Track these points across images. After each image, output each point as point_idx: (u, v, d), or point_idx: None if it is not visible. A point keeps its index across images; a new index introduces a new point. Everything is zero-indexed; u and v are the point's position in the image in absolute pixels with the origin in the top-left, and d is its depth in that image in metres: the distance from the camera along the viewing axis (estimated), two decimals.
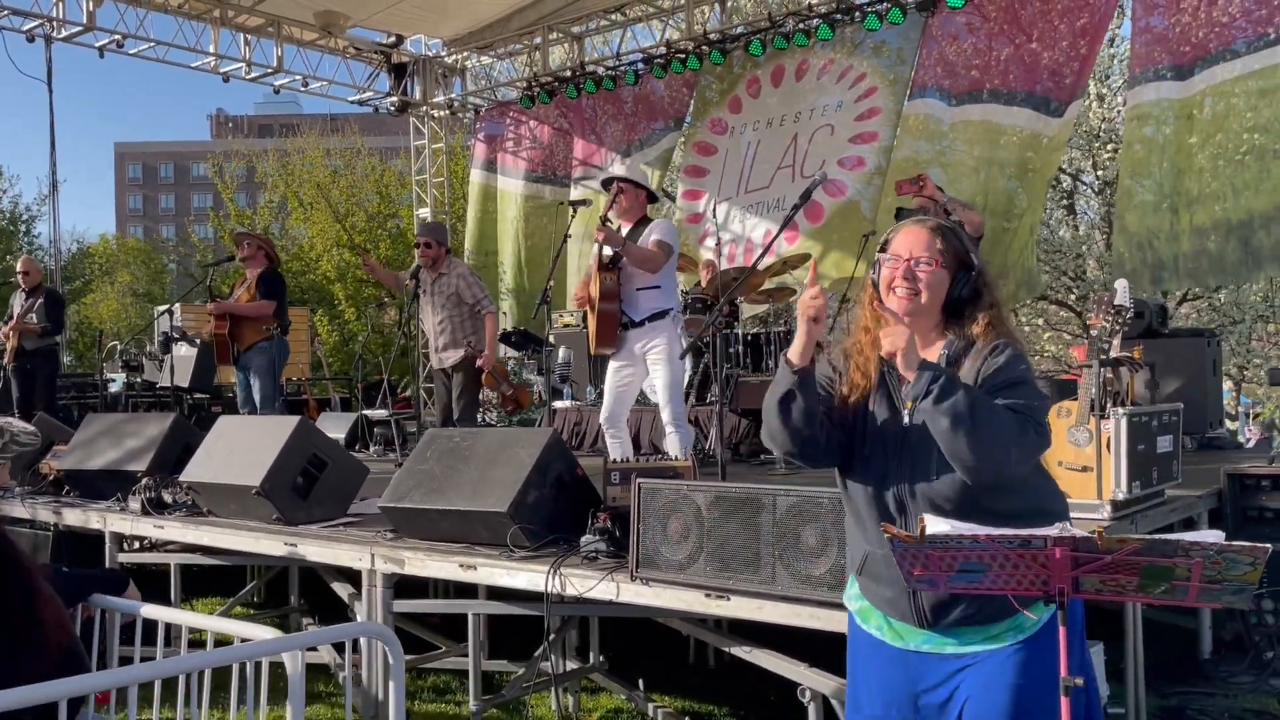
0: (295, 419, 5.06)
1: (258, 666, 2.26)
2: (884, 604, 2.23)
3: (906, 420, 2.17)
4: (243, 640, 2.45)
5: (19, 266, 8.96)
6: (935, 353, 2.21)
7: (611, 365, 5.57)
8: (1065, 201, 16.67)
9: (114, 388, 10.29)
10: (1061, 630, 1.81)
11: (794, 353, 2.18)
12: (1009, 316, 2.28)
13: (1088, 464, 4.02)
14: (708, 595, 3.27)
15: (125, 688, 2.29)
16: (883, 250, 2.29)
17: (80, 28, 10.43)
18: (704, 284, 8.98)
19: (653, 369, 5.48)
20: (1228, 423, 10.48)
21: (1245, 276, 9.58)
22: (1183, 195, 8.02)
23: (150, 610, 2.79)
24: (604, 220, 5.28)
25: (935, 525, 1.72)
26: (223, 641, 2.51)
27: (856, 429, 2.25)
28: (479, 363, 6.77)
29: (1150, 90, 8.27)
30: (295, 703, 2.23)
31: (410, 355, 13.11)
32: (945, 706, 2.14)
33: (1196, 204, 7.94)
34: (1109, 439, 4.05)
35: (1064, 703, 1.76)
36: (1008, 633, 2.09)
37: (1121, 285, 4.54)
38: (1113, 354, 4.44)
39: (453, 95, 13.58)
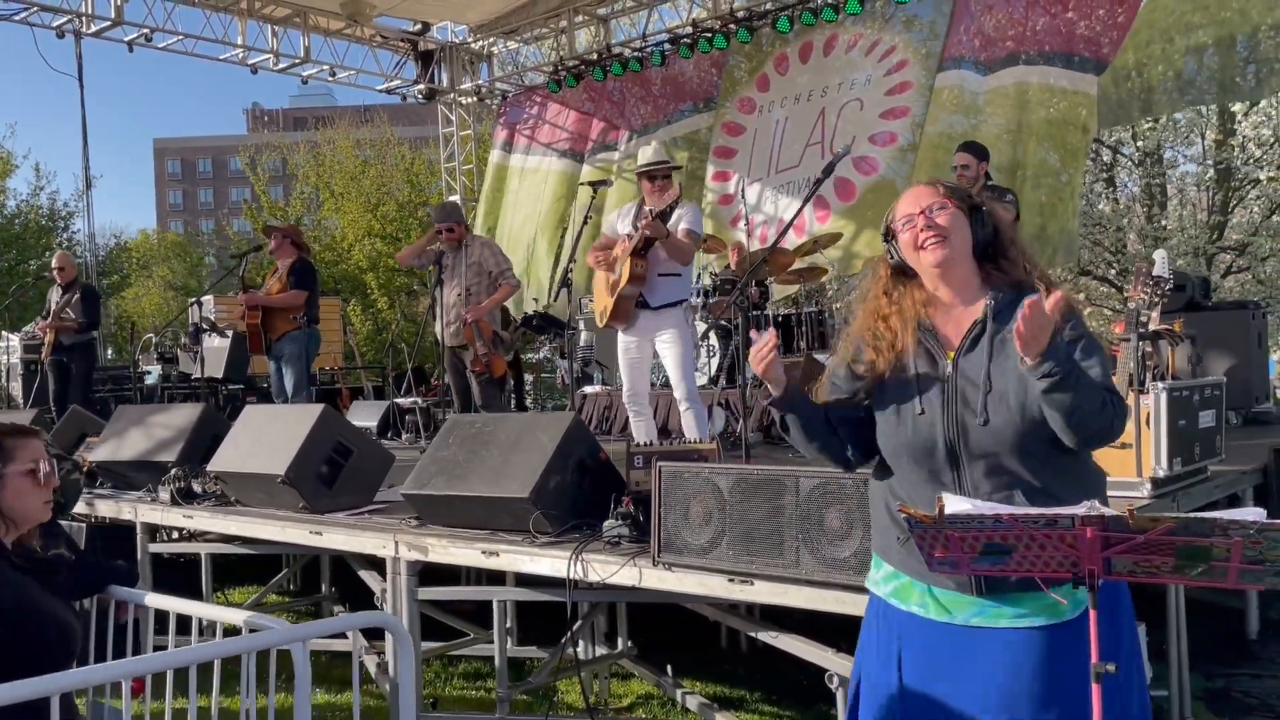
0: (319, 407, 5.05)
1: (265, 655, 2.24)
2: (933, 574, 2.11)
3: (949, 370, 2.16)
4: (251, 631, 2.42)
5: (54, 262, 9.07)
6: (980, 306, 2.19)
7: (621, 340, 5.60)
8: (1105, 174, 16.29)
9: (150, 380, 10.39)
10: (1092, 614, 1.70)
11: (773, 390, 2.26)
12: (1031, 250, 2.29)
13: (1126, 440, 3.87)
14: (731, 580, 3.20)
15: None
16: (888, 234, 2.30)
17: (109, 22, 10.49)
18: (734, 265, 8.91)
19: (662, 350, 5.50)
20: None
21: (1248, 94, 9.33)
22: (1181, 23, 7.86)
23: (155, 600, 2.80)
24: (653, 215, 5.28)
25: (954, 504, 1.63)
26: (231, 632, 2.51)
27: (886, 402, 2.22)
28: (466, 313, 6.35)
29: None
30: (300, 693, 2.20)
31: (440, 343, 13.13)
32: (975, 685, 2.04)
33: (1198, 29, 7.79)
34: (1149, 414, 3.92)
35: (1095, 690, 1.65)
36: (1065, 598, 1.98)
37: (1160, 256, 4.38)
38: (1152, 327, 4.30)
39: (480, 81, 13.52)
